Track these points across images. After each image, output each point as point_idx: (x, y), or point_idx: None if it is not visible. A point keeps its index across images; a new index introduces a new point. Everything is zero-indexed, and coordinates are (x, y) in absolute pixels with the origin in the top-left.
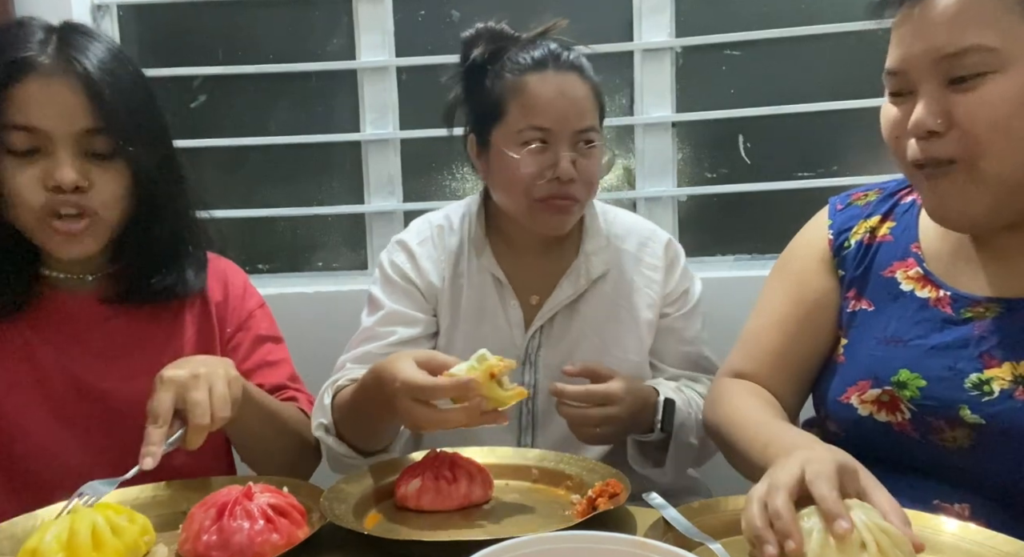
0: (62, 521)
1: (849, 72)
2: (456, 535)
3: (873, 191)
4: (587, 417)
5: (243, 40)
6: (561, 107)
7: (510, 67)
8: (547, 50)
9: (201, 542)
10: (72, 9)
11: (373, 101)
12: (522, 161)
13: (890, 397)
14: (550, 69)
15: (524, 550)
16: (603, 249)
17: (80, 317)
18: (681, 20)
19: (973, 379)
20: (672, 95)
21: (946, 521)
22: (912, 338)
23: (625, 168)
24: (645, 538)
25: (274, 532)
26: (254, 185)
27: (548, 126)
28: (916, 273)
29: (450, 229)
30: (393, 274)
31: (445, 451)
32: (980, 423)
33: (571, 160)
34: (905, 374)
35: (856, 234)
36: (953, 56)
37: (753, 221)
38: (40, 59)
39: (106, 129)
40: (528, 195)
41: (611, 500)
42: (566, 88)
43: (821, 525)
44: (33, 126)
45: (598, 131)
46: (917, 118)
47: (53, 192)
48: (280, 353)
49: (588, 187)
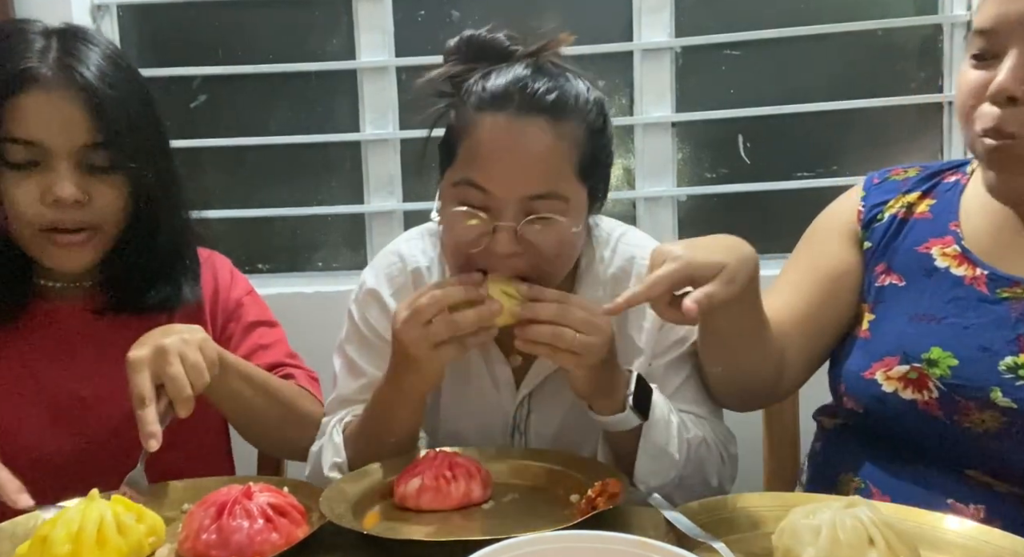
0: (76, 511)
1: (849, 72)
2: (456, 535)
3: (913, 168)
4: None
5: (243, 40)
6: (507, 166)
7: (473, 96)
8: (515, 78)
9: (201, 541)
10: (72, 9)
11: (373, 101)
12: (451, 222)
13: (918, 374)
14: (508, 109)
15: (524, 550)
16: (599, 302)
17: (73, 325)
18: (681, 20)
19: (1008, 362)
20: (672, 95)
21: (946, 518)
22: (946, 316)
23: (625, 168)
24: (646, 538)
25: (274, 531)
26: (254, 185)
27: (486, 186)
28: (954, 250)
29: (429, 274)
30: (368, 333)
31: (445, 451)
32: (1012, 407)
33: (513, 234)
34: (937, 352)
35: (891, 208)
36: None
37: (753, 221)
38: (41, 70)
39: (106, 144)
40: (466, 266)
41: (611, 500)
42: (518, 142)
43: (829, 522)
44: (33, 139)
45: (564, 197)
46: (999, 83)
47: (52, 207)
48: (274, 335)
49: (545, 262)
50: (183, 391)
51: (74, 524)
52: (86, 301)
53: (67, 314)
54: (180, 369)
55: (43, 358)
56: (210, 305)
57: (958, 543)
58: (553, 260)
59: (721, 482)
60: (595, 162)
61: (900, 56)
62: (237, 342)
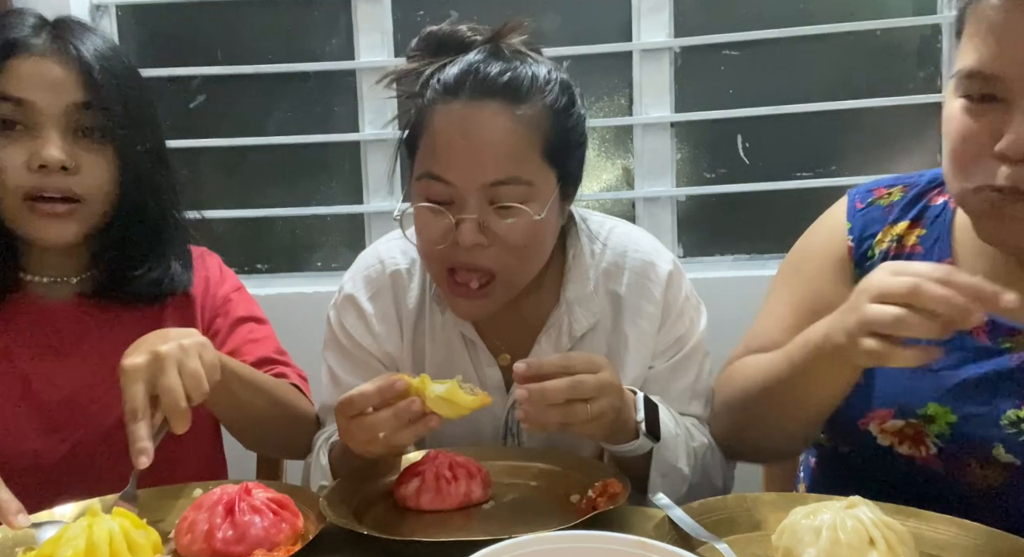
0: (79, 529)
1: (848, 72)
2: (456, 535)
3: (897, 187)
4: (575, 412)
5: (242, 40)
6: (463, 153)
7: (429, 88)
8: (469, 67)
9: (217, 540)
10: (71, 9)
11: (372, 101)
12: (417, 219)
13: (915, 430)
14: (461, 96)
15: (524, 550)
16: (589, 298)
17: (61, 323)
18: (680, 20)
19: (1010, 416)
20: (671, 95)
21: (946, 518)
22: (943, 368)
23: (624, 168)
24: (646, 538)
25: (283, 522)
26: (253, 185)
27: (445, 177)
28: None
29: (409, 276)
30: (344, 340)
31: (445, 451)
32: (1015, 463)
33: (476, 225)
34: (934, 408)
35: (881, 243)
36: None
37: (752, 221)
38: (33, 40)
39: (95, 104)
40: (433, 267)
41: (611, 500)
42: (473, 127)
43: (830, 522)
44: (22, 97)
45: (528, 181)
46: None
47: (38, 172)
48: (263, 332)
49: (512, 256)
50: (178, 404)
51: (80, 541)
52: (73, 296)
53: (55, 311)
54: (176, 380)
55: (31, 357)
56: (200, 300)
57: (958, 543)
58: (521, 251)
59: (725, 482)
60: (564, 144)
61: (899, 56)
62: (224, 337)
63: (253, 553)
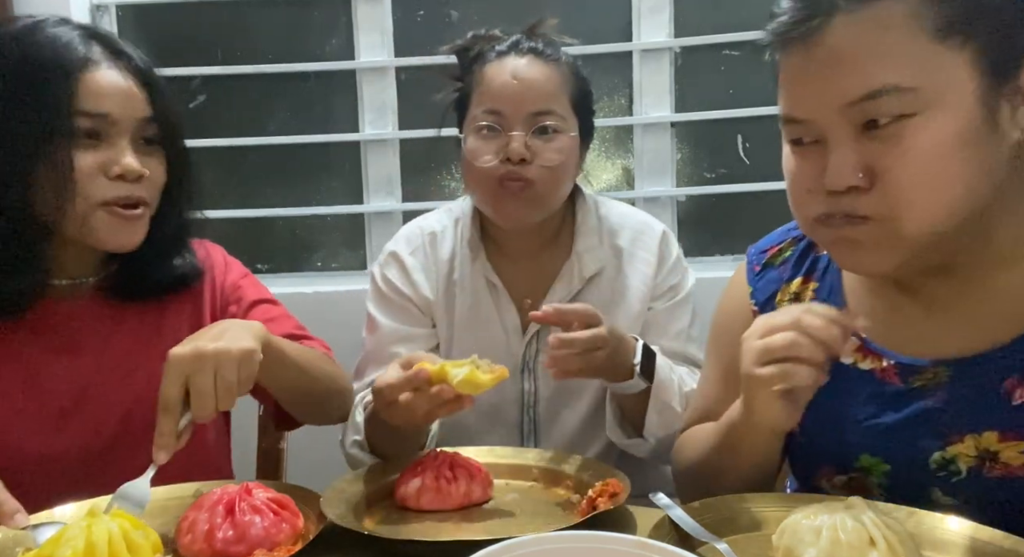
0: (78, 529)
1: None
2: (456, 535)
3: (787, 241)
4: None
5: (242, 40)
6: (513, 89)
7: (480, 58)
8: (513, 40)
9: (217, 539)
10: (71, 9)
11: (372, 101)
12: (473, 145)
13: (859, 483)
14: (510, 55)
15: (524, 550)
16: (596, 247)
17: (78, 322)
18: (680, 20)
19: (937, 458)
20: (671, 95)
21: (946, 519)
22: (865, 418)
23: (624, 168)
24: (646, 538)
25: (283, 522)
26: (253, 185)
27: (498, 108)
28: (853, 343)
29: (443, 235)
30: (386, 289)
31: (445, 451)
32: (954, 504)
33: (523, 142)
34: (867, 459)
35: (781, 301)
36: (864, 99)
37: (752, 221)
38: (94, 52)
39: (157, 117)
40: (484, 182)
41: (611, 500)
42: (519, 70)
43: (830, 523)
44: (103, 111)
45: (562, 116)
46: (836, 172)
47: (115, 181)
48: (278, 311)
49: (548, 173)
50: (205, 408)
51: (79, 541)
52: (90, 299)
53: (72, 311)
54: (210, 385)
55: (47, 355)
56: (209, 292)
57: (958, 543)
58: (556, 169)
59: None
60: (583, 100)
61: None
62: None
63: (253, 553)
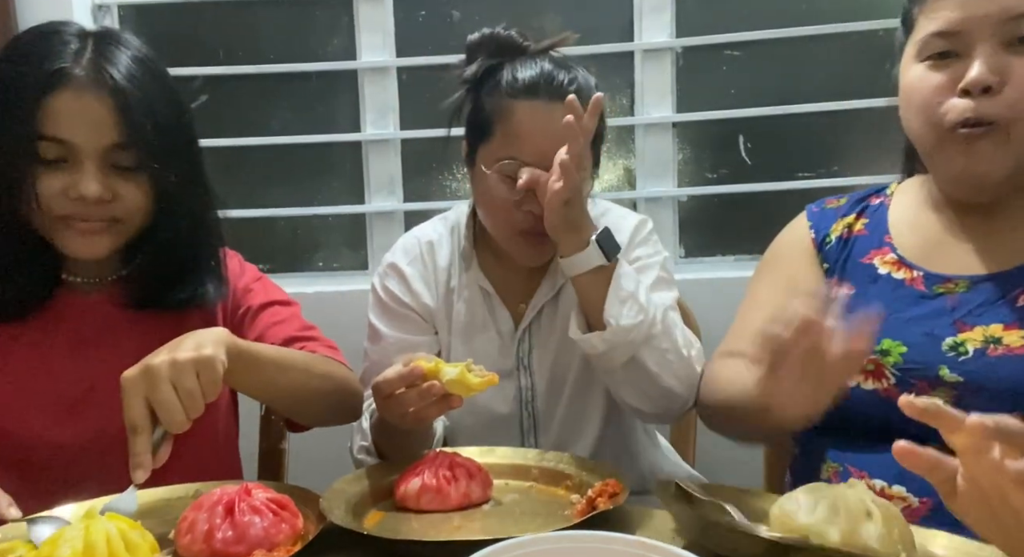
0: (77, 530)
1: (849, 72)
2: (456, 535)
3: (843, 198)
4: None
5: (243, 40)
6: (545, 143)
7: (504, 85)
8: (542, 72)
9: (216, 540)
10: (73, 9)
11: (373, 101)
12: (497, 191)
13: (875, 365)
14: (541, 97)
15: (524, 550)
16: None
17: (92, 320)
18: (681, 20)
19: (949, 342)
20: (672, 95)
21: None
22: (892, 312)
23: (625, 168)
24: (646, 538)
25: (283, 522)
26: (255, 185)
27: (528, 160)
28: (892, 258)
29: (439, 244)
30: (388, 300)
31: (445, 451)
32: (959, 381)
33: None
34: (887, 343)
35: (835, 231)
36: (1021, 16)
37: (753, 221)
38: (74, 71)
39: (131, 144)
40: (506, 225)
41: (611, 500)
42: (552, 122)
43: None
44: (63, 138)
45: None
46: (977, 75)
47: (76, 202)
48: (287, 312)
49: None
50: (174, 416)
51: (78, 541)
52: (108, 296)
53: (87, 308)
54: (170, 395)
55: (60, 350)
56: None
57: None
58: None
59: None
60: (599, 135)
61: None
62: (248, 326)
63: (253, 553)
